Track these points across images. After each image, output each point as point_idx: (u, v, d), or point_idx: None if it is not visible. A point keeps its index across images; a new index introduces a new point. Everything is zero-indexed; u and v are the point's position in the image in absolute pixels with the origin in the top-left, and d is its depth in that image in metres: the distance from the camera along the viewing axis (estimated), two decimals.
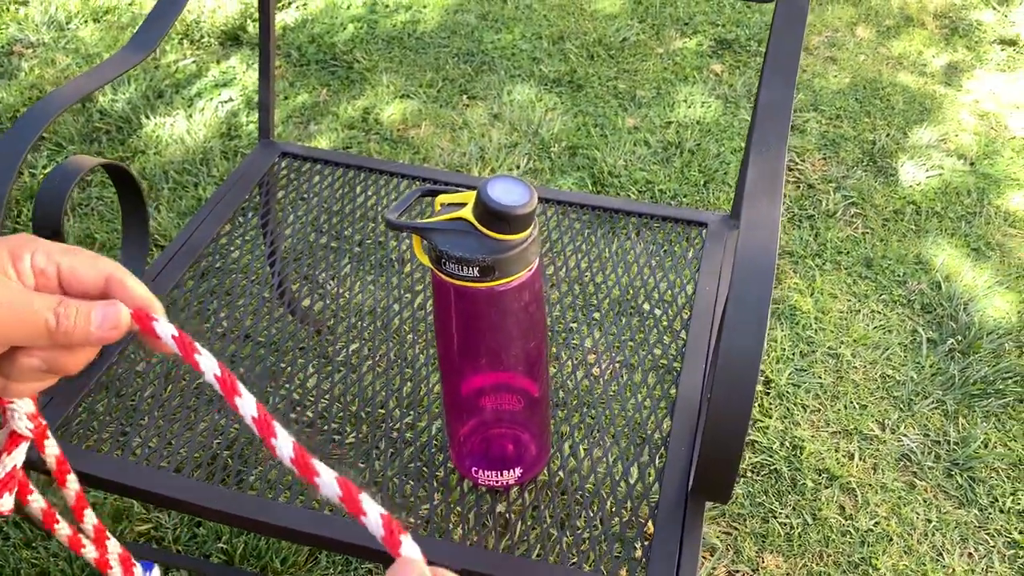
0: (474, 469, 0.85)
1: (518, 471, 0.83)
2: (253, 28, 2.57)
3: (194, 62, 2.45)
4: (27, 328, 0.41)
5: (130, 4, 2.67)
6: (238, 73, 2.39)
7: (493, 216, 0.63)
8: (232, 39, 2.52)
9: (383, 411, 1.01)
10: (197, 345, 0.44)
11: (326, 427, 0.95)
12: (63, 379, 0.46)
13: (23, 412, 0.47)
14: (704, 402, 0.87)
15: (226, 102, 2.28)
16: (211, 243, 1.09)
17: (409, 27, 2.63)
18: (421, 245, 0.70)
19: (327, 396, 0.99)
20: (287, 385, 0.99)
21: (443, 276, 0.67)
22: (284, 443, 0.42)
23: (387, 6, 2.72)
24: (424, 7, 2.73)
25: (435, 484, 0.89)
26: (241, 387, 0.43)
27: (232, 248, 1.14)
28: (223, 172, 2.03)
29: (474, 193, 0.66)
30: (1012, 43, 2.73)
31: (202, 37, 2.55)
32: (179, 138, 2.13)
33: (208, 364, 0.43)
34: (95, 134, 2.17)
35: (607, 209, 1.20)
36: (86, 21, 2.61)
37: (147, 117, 2.20)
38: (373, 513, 0.40)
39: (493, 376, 0.76)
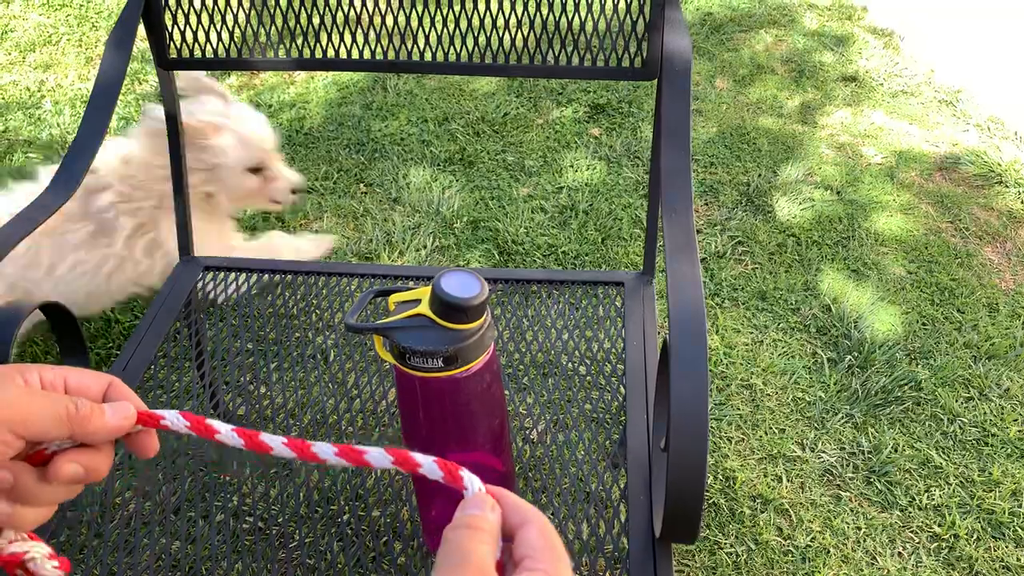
0: None
1: None
2: None
3: None
4: (49, 415, 0.45)
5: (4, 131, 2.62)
6: None
7: (452, 309, 0.68)
8: None
9: (333, 507, 1.03)
10: (211, 423, 0.50)
11: (272, 531, 0.96)
12: None
13: (44, 555, 0.47)
14: (654, 452, 0.94)
15: None
16: (150, 366, 1.10)
17: (296, 123, 2.68)
18: (382, 344, 0.74)
19: (275, 501, 1.00)
20: (232, 497, 0.99)
21: (408, 370, 0.72)
22: (323, 447, 0.48)
23: (270, 106, 2.77)
24: (307, 103, 2.79)
25: (395, 573, 0.92)
26: (264, 434, 0.49)
27: (172, 368, 1.14)
28: None
29: (424, 290, 0.71)
30: (853, 79, 3.00)
31: None
32: None
33: (226, 433, 0.49)
34: None
35: (529, 281, 1.27)
36: None
37: None
38: (427, 462, 0.47)
39: (461, 457, 0.81)
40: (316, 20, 1.21)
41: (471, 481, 0.46)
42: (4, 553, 0.47)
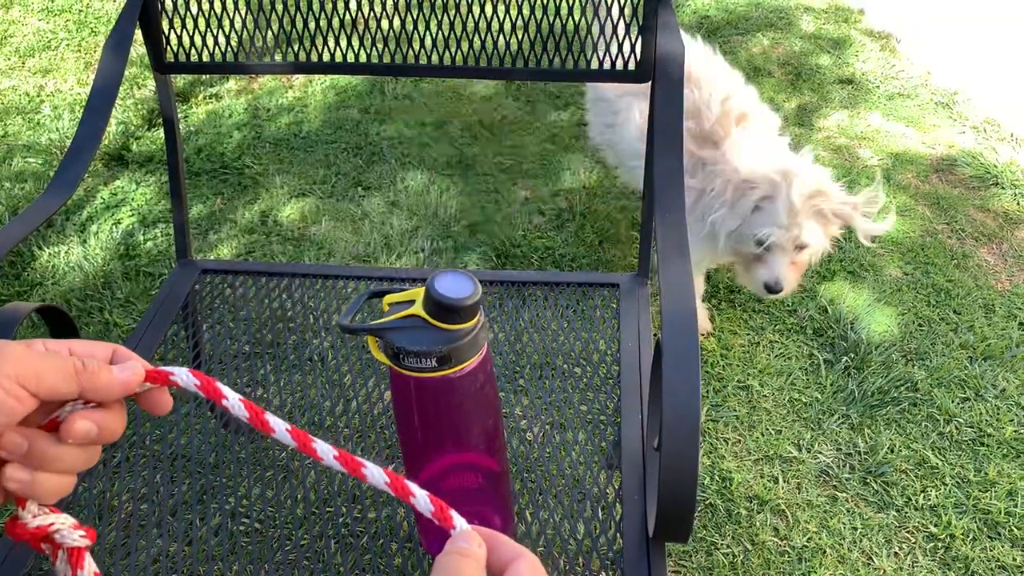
0: None
1: None
2: (136, 147, 2.57)
3: (82, 187, 2.43)
4: (59, 372, 0.46)
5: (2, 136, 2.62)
6: (128, 193, 2.38)
7: (445, 310, 0.69)
8: (116, 159, 2.51)
9: (330, 509, 1.04)
10: (220, 386, 0.50)
11: (270, 532, 0.96)
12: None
13: (69, 526, 0.47)
14: (648, 452, 0.94)
15: (119, 223, 2.26)
16: None
17: (294, 128, 2.69)
18: (377, 344, 0.75)
19: (272, 503, 1.00)
20: (230, 499, 1.00)
21: (402, 371, 0.72)
22: (324, 446, 0.49)
23: (268, 110, 2.77)
24: (305, 107, 2.80)
25: (392, 574, 0.92)
26: (269, 414, 0.50)
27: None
28: (127, 293, 2.01)
29: (418, 291, 0.72)
30: (850, 81, 3.01)
31: None
32: (76, 265, 2.10)
33: (233, 401, 0.50)
34: None
35: (525, 283, 1.28)
36: None
37: (40, 248, 2.16)
38: (420, 495, 0.48)
39: (456, 457, 0.81)
40: (312, 24, 1.22)
41: (459, 521, 0.47)
42: (30, 527, 0.46)
